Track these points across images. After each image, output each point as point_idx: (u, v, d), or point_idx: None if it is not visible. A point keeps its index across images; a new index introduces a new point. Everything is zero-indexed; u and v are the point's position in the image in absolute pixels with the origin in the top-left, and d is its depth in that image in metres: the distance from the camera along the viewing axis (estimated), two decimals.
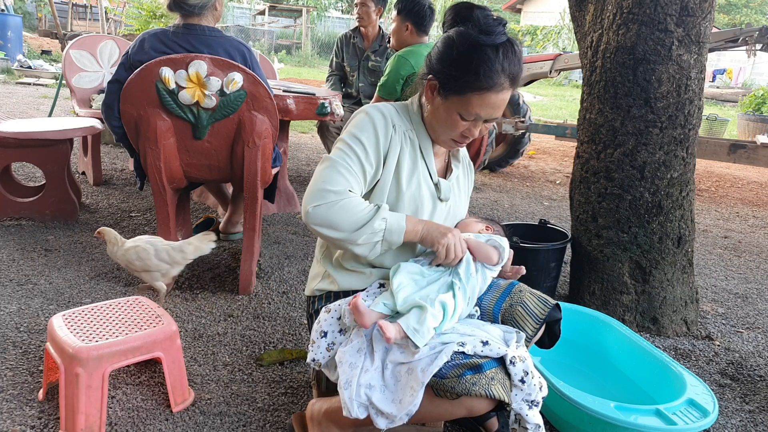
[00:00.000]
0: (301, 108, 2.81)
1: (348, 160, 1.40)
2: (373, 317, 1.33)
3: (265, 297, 2.53)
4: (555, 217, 4.25)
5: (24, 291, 2.37)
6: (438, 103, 1.41)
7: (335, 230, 1.35)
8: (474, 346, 1.27)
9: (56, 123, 3.33)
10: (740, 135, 8.15)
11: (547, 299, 1.47)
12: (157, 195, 2.42)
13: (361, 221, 1.34)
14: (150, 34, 2.38)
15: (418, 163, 1.48)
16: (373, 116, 1.44)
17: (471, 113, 1.37)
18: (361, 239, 1.35)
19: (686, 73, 2.31)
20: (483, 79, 1.33)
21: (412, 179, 1.46)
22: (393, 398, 1.26)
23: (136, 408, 1.73)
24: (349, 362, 1.31)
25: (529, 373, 1.28)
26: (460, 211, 1.62)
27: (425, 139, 1.50)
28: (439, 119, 1.43)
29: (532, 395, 1.29)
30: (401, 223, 1.38)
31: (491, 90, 1.34)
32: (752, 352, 2.38)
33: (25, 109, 6.48)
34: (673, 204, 2.40)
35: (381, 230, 1.36)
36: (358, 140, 1.42)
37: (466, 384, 1.22)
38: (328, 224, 1.35)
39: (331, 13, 25.36)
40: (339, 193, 1.35)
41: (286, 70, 14.36)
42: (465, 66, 1.33)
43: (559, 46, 18.13)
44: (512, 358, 1.28)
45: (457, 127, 1.41)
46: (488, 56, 1.32)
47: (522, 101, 5.56)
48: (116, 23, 13.09)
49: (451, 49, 1.37)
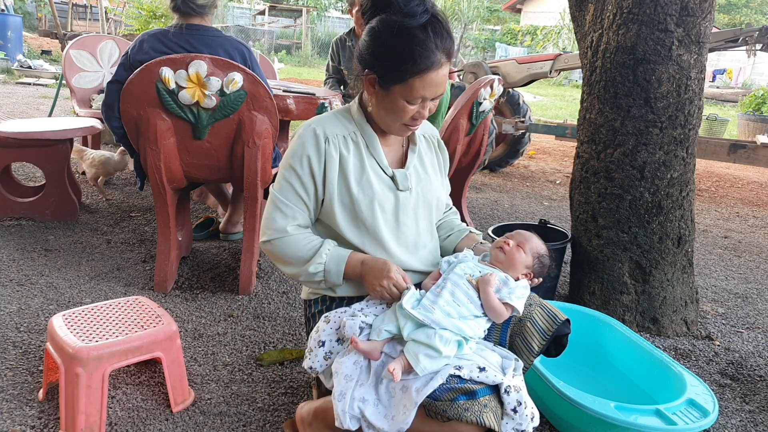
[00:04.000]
0: (301, 108, 2.81)
1: (286, 193, 1.46)
2: (378, 347, 1.33)
3: (265, 297, 2.53)
4: (555, 217, 4.25)
5: (24, 291, 2.37)
6: (381, 95, 1.40)
7: (284, 265, 1.49)
8: (470, 371, 1.25)
9: (56, 123, 3.33)
10: (740, 135, 8.15)
11: (556, 315, 1.44)
12: (157, 195, 2.42)
13: (301, 261, 1.45)
14: (150, 34, 2.38)
15: (365, 163, 1.47)
16: (304, 138, 1.46)
17: (416, 97, 1.37)
18: (303, 278, 1.47)
19: (686, 73, 2.31)
20: (421, 61, 1.32)
21: (362, 180, 1.46)
22: (386, 414, 1.26)
23: (136, 408, 1.73)
24: (345, 374, 1.30)
25: (523, 403, 1.26)
26: (435, 191, 1.59)
27: (371, 137, 1.49)
28: (386, 109, 1.42)
29: (522, 425, 1.27)
30: (340, 267, 1.44)
31: (431, 70, 1.33)
32: (752, 352, 2.38)
33: (25, 109, 6.48)
34: (673, 204, 2.40)
35: (319, 272, 1.44)
36: (291, 169, 1.46)
37: (458, 409, 1.21)
38: (276, 259, 1.49)
39: (331, 13, 25.34)
40: (279, 230, 1.45)
41: (286, 70, 14.36)
42: (399, 54, 1.33)
43: (559, 46, 18.13)
44: (507, 387, 1.26)
45: (406, 112, 1.40)
46: (419, 38, 1.31)
47: (522, 101, 5.56)
48: (116, 23, 13.09)
49: (380, 40, 1.36)
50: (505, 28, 24.39)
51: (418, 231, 1.54)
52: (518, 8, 24.89)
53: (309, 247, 1.45)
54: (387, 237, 1.47)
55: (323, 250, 1.44)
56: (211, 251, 2.97)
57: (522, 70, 5.54)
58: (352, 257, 1.45)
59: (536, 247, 1.52)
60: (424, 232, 1.56)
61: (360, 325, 1.36)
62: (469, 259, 1.47)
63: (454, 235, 1.66)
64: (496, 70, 5.51)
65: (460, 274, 1.39)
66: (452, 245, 1.64)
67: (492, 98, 3.14)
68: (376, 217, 1.45)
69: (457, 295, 1.35)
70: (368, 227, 1.46)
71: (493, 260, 1.48)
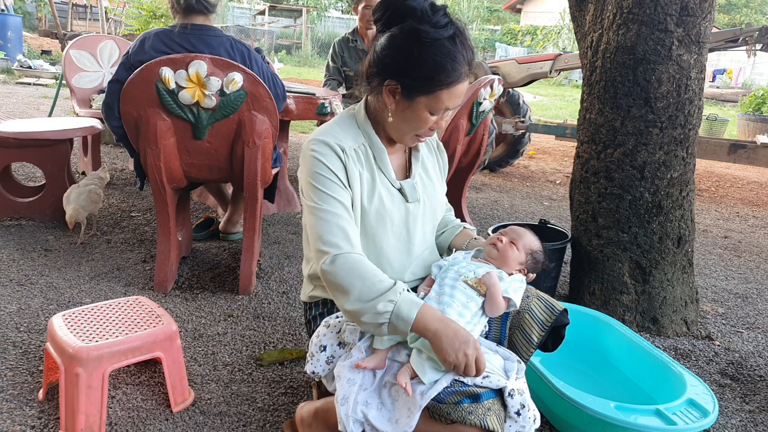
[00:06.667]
0: (301, 108, 2.81)
1: (329, 202, 1.34)
2: (383, 356, 1.32)
3: (265, 297, 2.53)
4: (555, 217, 4.25)
5: (24, 291, 2.37)
6: (403, 105, 1.36)
7: (345, 294, 1.27)
8: (474, 379, 1.25)
9: (56, 123, 3.34)
10: (740, 135, 8.15)
11: (554, 305, 1.45)
12: (157, 195, 2.42)
13: (370, 292, 1.25)
14: (151, 33, 2.38)
15: (375, 176, 1.44)
16: (323, 151, 1.37)
17: (441, 108, 1.36)
18: (366, 316, 1.25)
19: (686, 73, 2.31)
20: (451, 74, 1.31)
21: (374, 195, 1.42)
22: (390, 417, 1.26)
23: (136, 408, 1.73)
24: (348, 378, 1.30)
25: (526, 406, 1.27)
26: (439, 197, 1.60)
27: (380, 150, 1.45)
28: (406, 119, 1.38)
29: (526, 428, 1.28)
30: (411, 313, 1.23)
31: (459, 81, 1.33)
32: (752, 352, 2.38)
33: (25, 109, 6.48)
34: (673, 204, 2.40)
35: (388, 312, 1.24)
36: (324, 179, 1.35)
37: (462, 412, 1.21)
38: (338, 284, 1.28)
39: (331, 13, 25.34)
40: (338, 246, 1.29)
41: (286, 70, 14.36)
42: (430, 66, 1.30)
43: (559, 46, 18.13)
44: (511, 390, 1.26)
45: (426, 123, 1.38)
46: (449, 50, 1.30)
47: (522, 101, 5.56)
48: (116, 23, 13.08)
49: (407, 50, 1.31)
50: (505, 28, 24.39)
51: (425, 237, 1.55)
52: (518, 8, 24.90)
53: (380, 278, 1.27)
54: (391, 248, 1.46)
55: (398, 288, 1.26)
56: (211, 251, 2.97)
57: (522, 70, 5.54)
58: (427, 308, 1.26)
59: (529, 243, 1.51)
60: (429, 237, 1.57)
61: (361, 330, 1.36)
62: (460, 260, 1.47)
63: (448, 231, 1.66)
64: (496, 70, 5.51)
65: (455, 277, 1.39)
66: (447, 241, 1.64)
67: (492, 98, 3.14)
68: (385, 230, 1.44)
69: (458, 297, 1.35)
70: (374, 240, 1.44)
71: (487, 256, 1.48)
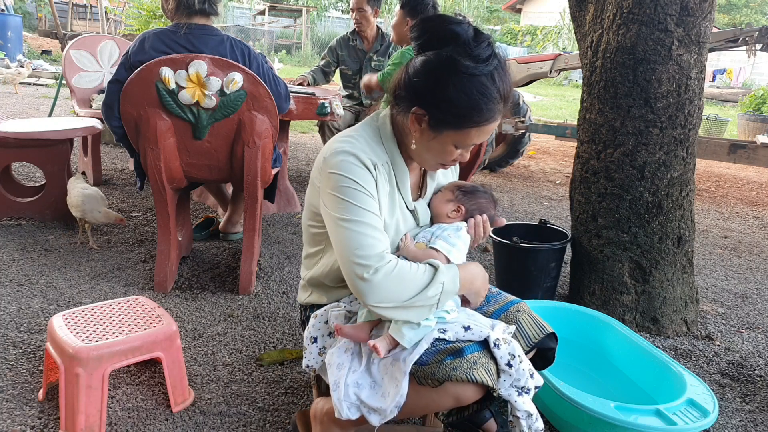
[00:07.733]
0: (301, 108, 2.81)
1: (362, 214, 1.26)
2: (365, 328, 1.32)
3: (265, 297, 2.53)
4: (555, 217, 4.25)
5: (24, 291, 2.37)
6: (429, 135, 1.29)
7: (393, 302, 1.21)
8: (455, 333, 1.24)
9: (56, 123, 3.33)
10: (740, 135, 8.15)
11: (544, 326, 1.42)
12: (157, 195, 2.42)
13: (420, 286, 1.22)
14: (151, 33, 2.38)
15: (395, 197, 1.38)
16: (352, 163, 1.28)
17: (469, 144, 1.30)
18: (415, 312, 1.23)
19: (686, 73, 2.31)
20: (485, 114, 1.24)
21: (393, 215, 1.37)
22: (382, 392, 1.24)
23: (136, 408, 1.73)
24: (337, 363, 1.30)
25: (516, 356, 1.23)
26: None
27: (402, 171, 1.38)
28: (430, 149, 1.32)
29: (521, 381, 1.24)
30: (454, 274, 1.26)
31: (491, 121, 1.26)
32: (752, 352, 2.38)
33: (25, 109, 6.48)
34: (673, 204, 2.40)
35: (438, 293, 1.23)
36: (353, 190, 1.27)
37: (446, 369, 1.20)
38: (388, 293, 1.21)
39: (331, 13, 25.34)
40: (381, 257, 1.22)
41: (286, 70, 14.33)
42: (464, 104, 1.23)
43: (559, 46, 18.14)
44: (496, 340, 1.23)
45: (450, 156, 1.32)
46: (486, 88, 1.22)
47: (522, 101, 5.55)
48: (116, 23, 13.08)
49: (442, 83, 1.23)
50: (505, 28, 24.40)
51: None
52: (518, 8, 24.91)
53: (422, 269, 1.25)
54: None
55: (439, 267, 1.26)
56: (211, 251, 2.97)
57: (522, 70, 5.54)
58: (461, 269, 1.30)
59: (453, 183, 1.50)
60: None
61: (345, 314, 1.37)
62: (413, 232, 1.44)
63: None
64: None
65: None
66: None
67: None
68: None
69: None
70: None
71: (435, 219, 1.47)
